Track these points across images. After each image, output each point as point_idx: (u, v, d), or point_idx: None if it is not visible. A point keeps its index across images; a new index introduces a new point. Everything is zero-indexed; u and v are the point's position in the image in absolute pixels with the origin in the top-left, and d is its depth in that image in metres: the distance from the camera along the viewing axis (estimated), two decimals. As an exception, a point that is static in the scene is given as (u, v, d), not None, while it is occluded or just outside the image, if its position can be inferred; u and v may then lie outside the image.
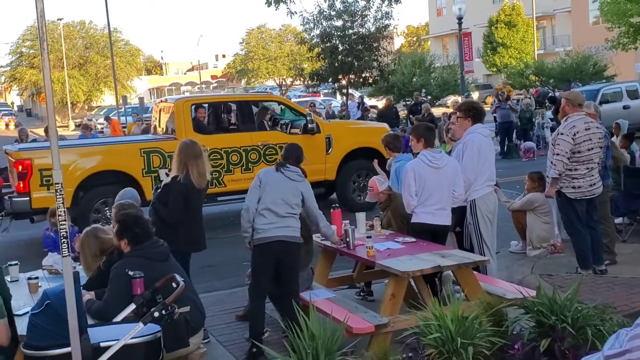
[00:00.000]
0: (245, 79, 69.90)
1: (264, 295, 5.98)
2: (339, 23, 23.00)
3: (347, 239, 6.35)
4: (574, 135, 7.17)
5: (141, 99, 37.19)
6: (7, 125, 48.01)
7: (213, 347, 6.12)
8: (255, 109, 12.89)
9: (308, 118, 12.30)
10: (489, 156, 6.87)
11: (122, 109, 35.20)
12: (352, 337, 5.04)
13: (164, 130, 12.38)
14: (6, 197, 10.95)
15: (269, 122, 13.08)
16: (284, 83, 65.83)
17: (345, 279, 7.37)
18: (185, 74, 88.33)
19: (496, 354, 3.84)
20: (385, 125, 14.19)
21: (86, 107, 59.78)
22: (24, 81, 58.17)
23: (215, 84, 78.89)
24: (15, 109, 71.98)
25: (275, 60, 63.86)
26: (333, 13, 22.87)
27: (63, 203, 3.23)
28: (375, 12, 22.88)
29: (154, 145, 11.41)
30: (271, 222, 5.74)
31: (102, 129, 33.82)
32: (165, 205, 6.19)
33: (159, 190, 6.44)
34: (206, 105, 12.72)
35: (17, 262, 6.15)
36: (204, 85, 75.00)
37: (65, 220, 3.24)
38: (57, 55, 52.53)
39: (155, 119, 13.14)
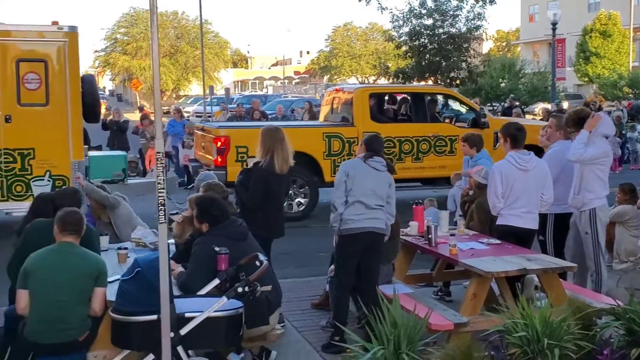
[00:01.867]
0: (328, 76, 70.26)
1: (348, 285, 5.89)
2: (429, 22, 22.78)
3: (430, 236, 6.28)
4: None
5: (227, 90, 37.99)
6: (97, 108, 49.67)
7: (288, 332, 6.16)
8: (426, 101, 13.21)
9: (480, 112, 12.57)
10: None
11: (209, 99, 36.05)
12: (430, 333, 4.98)
13: (335, 118, 12.94)
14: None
15: (438, 114, 13.46)
16: (366, 81, 65.78)
17: (424, 277, 7.29)
18: (269, 68, 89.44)
19: (583, 359, 3.71)
20: (540, 123, 13.81)
21: (174, 96, 61.46)
22: (117, 67, 60.28)
23: (297, 80, 79.57)
24: (107, 93, 74.74)
25: (360, 58, 63.88)
26: (424, 11, 22.67)
27: (163, 171, 3.33)
28: (468, 13, 22.54)
29: (335, 130, 11.98)
30: (361, 213, 5.69)
31: (188, 117, 34.71)
32: (246, 189, 6.29)
33: (242, 175, 6.54)
34: (383, 94, 13.40)
35: (107, 233, 6.39)
36: (286, 81, 75.76)
37: (164, 189, 3.33)
38: (149, 43, 54.04)
39: (327, 105, 13.71)
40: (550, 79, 25.60)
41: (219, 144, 11.27)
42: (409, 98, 13.28)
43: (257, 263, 4.70)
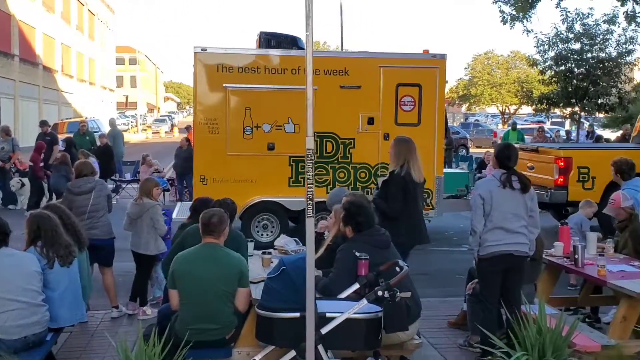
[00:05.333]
0: (467, 104, 69.11)
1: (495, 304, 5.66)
2: (577, 46, 21.89)
3: (576, 256, 6.03)
4: None
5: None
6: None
7: (425, 347, 6.11)
8: None
9: None
10: None
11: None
12: (574, 355, 4.77)
13: None
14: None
15: None
16: (507, 110, 64.07)
17: (569, 301, 6.99)
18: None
19: None
20: None
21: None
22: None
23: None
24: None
25: (500, 87, 62.44)
26: (571, 35, 21.83)
27: (312, 168, 3.47)
28: (619, 37, 21.44)
29: None
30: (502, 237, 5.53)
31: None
32: (385, 200, 6.36)
33: (379, 189, 6.63)
34: None
35: (252, 239, 6.68)
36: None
37: (312, 184, 3.47)
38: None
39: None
40: None
41: (562, 164, 11.80)
42: None
43: (397, 269, 4.73)
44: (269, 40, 11.42)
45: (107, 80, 61.85)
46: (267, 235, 10.75)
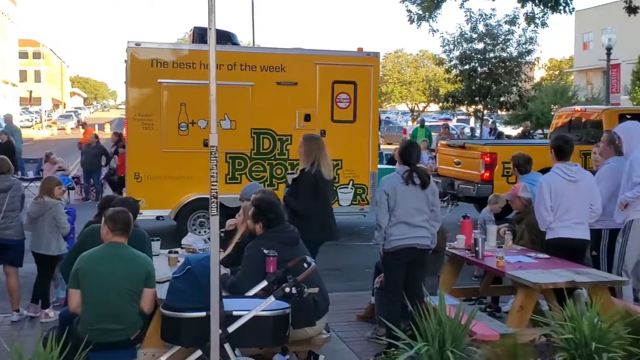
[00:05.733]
0: (379, 102, 70.26)
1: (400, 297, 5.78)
2: (480, 46, 22.72)
3: (477, 248, 6.26)
4: None
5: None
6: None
7: (333, 342, 6.17)
8: None
9: None
10: None
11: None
12: (476, 342, 4.95)
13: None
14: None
15: None
16: (416, 108, 65.59)
17: (471, 291, 7.25)
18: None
19: (633, 366, 3.65)
20: None
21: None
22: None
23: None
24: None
25: (410, 85, 63.85)
26: (475, 35, 22.63)
27: (216, 165, 3.44)
28: (519, 37, 22.40)
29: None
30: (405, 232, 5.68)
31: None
32: (295, 198, 6.39)
33: (289, 187, 6.66)
34: (626, 114, 13.56)
35: (158, 238, 6.55)
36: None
37: (217, 182, 3.44)
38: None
39: (557, 124, 14.25)
40: (604, 105, 25.10)
41: (488, 159, 12.22)
42: None
43: (305, 265, 4.77)
44: (202, 35, 11.29)
45: (9, 74, 59.17)
46: (204, 232, 10.64)
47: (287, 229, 5.35)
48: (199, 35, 11.36)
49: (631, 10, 14.83)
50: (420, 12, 17.39)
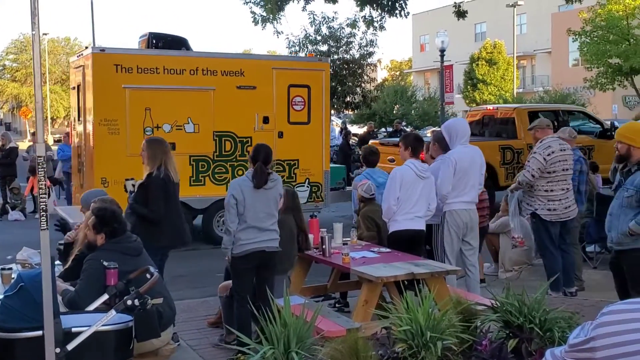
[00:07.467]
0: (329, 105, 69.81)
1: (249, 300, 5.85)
2: (324, 48, 23.28)
3: (323, 247, 6.41)
4: (548, 155, 7.34)
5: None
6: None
7: (183, 350, 6.10)
8: (567, 117, 14.82)
9: (610, 127, 14.05)
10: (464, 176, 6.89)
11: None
12: (322, 340, 5.06)
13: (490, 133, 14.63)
14: None
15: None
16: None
17: (319, 289, 7.40)
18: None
19: (465, 351, 3.89)
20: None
21: (65, 123, 59.40)
22: (5, 94, 57.68)
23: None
24: (-5, 122, 71.27)
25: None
26: (319, 38, 23.15)
27: (44, 176, 3.26)
28: (360, 40, 23.21)
29: (507, 143, 13.90)
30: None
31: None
32: (144, 204, 6.20)
33: (134, 193, 6.43)
34: (536, 112, 14.28)
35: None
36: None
37: (45, 194, 3.26)
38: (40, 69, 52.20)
39: (470, 122, 14.52)
40: (440, 104, 26.66)
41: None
42: (561, 115, 14.80)
43: (148, 276, 4.63)
44: (157, 41, 11.31)
45: None
46: None
47: (129, 238, 5.16)
48: (154, 40, 11.37)
49: (460, 14, 15.81)
50: (264, 13, 17.50)
